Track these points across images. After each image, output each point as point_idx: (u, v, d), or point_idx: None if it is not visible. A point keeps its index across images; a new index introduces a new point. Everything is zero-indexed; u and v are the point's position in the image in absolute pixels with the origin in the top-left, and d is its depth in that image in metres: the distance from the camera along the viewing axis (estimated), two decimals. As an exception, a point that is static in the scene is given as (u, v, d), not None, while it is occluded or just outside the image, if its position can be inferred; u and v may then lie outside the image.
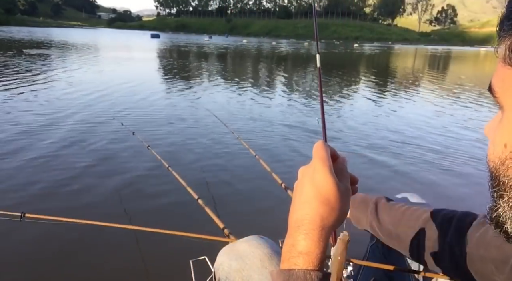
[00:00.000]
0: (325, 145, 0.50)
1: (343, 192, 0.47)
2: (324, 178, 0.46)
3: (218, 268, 0.87)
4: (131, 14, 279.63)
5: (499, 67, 0.34)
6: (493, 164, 0.36)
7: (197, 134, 4.57)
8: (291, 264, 0.45)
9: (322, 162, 0.48)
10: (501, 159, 0.35)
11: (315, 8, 1.21)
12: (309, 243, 0.45)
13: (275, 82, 11.51)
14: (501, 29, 0.34)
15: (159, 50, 26.27)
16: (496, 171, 0.36)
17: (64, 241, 2.17)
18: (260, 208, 2.72)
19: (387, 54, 38.79)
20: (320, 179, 0.46)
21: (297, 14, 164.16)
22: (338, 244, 0.48)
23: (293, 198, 0.51)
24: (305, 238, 0.46)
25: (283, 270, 0.46)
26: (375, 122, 5.89)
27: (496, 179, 0.36)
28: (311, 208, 0.47)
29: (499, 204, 0.35)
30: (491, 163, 0.37)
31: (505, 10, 0.34)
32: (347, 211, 0.48)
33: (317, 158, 0.48)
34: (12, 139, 3.93)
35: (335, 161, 0.51)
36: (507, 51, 0.32)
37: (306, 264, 0.44)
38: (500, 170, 0.35)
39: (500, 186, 0.35)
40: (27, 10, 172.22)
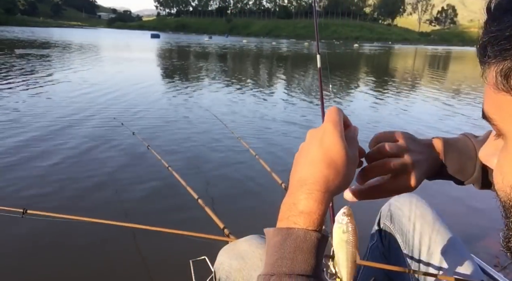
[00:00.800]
0: (338, 110, 0.49)
1: (351, 158, 0.46)
2: (334, 141, 0.46)
3: (218, 267, 0.87)
4: (131, 14, 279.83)
5: (490, 93, 0.34)
6: (505, 194, 0.35)
7: (197, 134, 4.57)
8: (290, 222, 0.44)
9: (333, 125, 0.47)
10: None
11: (316, 8, 1.22)
12: (311, 203, 0.44)
13: (275, 82, 11.51)
14: (485, 56, 0.33)
15: (159, 50, 26.27)
16: (510, 201, 0.34)
17: (65, 238, 2.18)
18: (260, 208, 2.72)
19: (387, 54, 38.79)
20: (329, 141, 0.46)
21: (297, 14, 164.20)
22: (347, 217, 0.46)
23: (296, 158, 0.50)
24: (307, 197, 0.44)
25: (282, 229, 0.44)
26: (376, 120, 5.89)
27: (510, 209, 0.34)
28: (316, 169, 0.46)
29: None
30: (501, 192, 0.35)
31: (484, 36, 0.33)
32: (351, 178, 0.47)
33: (329, 121, 0.48)
34: (12, 139, 3.93)
35: (347, 129, 0.50)
36: (499, 77, 0.31)
37: (307, 223, 0.43)
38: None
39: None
40: (27, 10, 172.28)
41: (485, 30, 0.33)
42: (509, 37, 0.30)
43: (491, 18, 0.33)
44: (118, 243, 2.16)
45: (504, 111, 0.33)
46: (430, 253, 0.93)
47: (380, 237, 1.06)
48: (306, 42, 66.57)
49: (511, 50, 0.30)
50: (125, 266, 2.00)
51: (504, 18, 0.31)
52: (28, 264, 1.97)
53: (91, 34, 55.99)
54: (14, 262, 1.98)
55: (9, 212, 1.33)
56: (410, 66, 23.30)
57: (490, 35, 0.32)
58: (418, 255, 0.95)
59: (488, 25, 0.33)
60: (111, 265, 2.00)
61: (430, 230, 0.94)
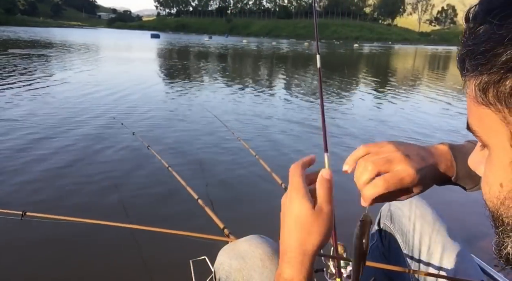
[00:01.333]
0: (299, 168, 0.53)
1: (318, 215, 0.49)
2: (298, 206, 0.50)
3: (218, 267, 0.87)
4: (131, 14, 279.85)
5: (472, 106, 0.34)
6: (493, 205, 0.35)
7: (197, 135, 4.57)
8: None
9: (295, 190, 0.51)
10: (500, 199, 0.34)
11: (315, 8, 1.22)
12: (291, 271, 0.50)
13: (275, 82, 11.51)
14: (464, 69, 0.33)
15: (159, 50, 26.27)
16: (497, 212, 0.35)
17: (64, 240, 2.17)
18: (260, 208, 2.72)
19: (387, 54, 38.79)
20: (295, 207, 0.50)
21: (297, 14, 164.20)
22: (359, 227, 0.50)
23: (280, 228, 0.54)
24: (288, 266, 0.50)
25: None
26: (377, 119, 5.89)
27: (498, 219, 0.35)
28: (291, 237, 0.50)
29: (507, 242, 0.34)
30: (489, 203, 0.36)
31: (462, 48, 0.33)
32: (326, 233, 0.50)
33: (291, 186, 0.52)
34: (12, 139, 3.93)
35: (313, 183, 0.53)
36: (478, 91, 0.32)
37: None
38: (501, 210, 0.34)
39: (505, 226, 0.34)
40: (27, 10, 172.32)
41: (463, 42, 0.33)
42: (485, 52, 0.30)
43: (468, 30, 0.33)
44: (118, 244, 2.16)
45: (485, 124, 0.33)
46: (430, 253, 0.93)
47: (380, 237, 1.06)
48: (306, 42, 66.56)
49: (487, 65, 0.30)
50: (125, 267, 2.00)
51: (480, 32, 0.31)
52: (27, 266, 1.97)
53: (91, 34, 55.99)
54: (13, 264, 1.98)
55: (8, 214, 1.33)
56: (410, 66, 23.30)
57: (467, 49, 0.32)
58: (418, 255, 0.95)
59: (465, 38, 0.33)
60: (111, 266, 2.00)
61: (430, 230, 0.94)
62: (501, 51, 0.28)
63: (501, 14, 0.29)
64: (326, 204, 0.51)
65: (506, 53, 0.28)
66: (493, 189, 0.35)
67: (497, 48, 0.29)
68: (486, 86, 0.31)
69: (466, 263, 0.91)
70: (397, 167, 0.55)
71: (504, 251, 0.35)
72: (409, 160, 0.55)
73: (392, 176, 0.54)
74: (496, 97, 0.30)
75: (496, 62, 0.29)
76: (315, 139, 4.54)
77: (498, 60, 0.29)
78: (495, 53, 0.29)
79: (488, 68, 0.30)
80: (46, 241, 2.15)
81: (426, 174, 0.57)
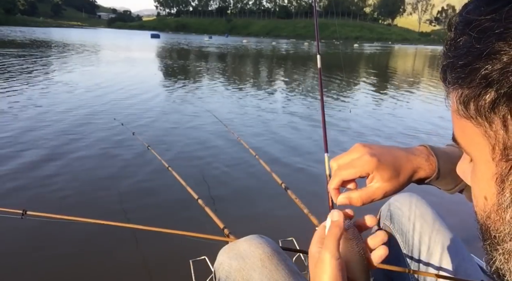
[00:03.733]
0: (336, 230, 0.51)
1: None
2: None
3: (218, 267, 0.87)
4: (131, 14, 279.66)
5: (454, 118, 0.34)
6: (480, 217, 0.35)
7: (197, 135, 4.57)
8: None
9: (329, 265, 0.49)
10: (486, 212, 0.34)
11: (316, 8, 1.22)
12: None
13: (275, 82, 11.51)
14: (445, 80, 0.33)
15: (159, 50, 26.27)
16: (484, 225, 0.35)
17: (64, 239, 2.18)
18: (260, 208, 2.72)
19: (387, 54, 38.78)
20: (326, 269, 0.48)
21: (297, 14, 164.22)
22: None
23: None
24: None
25: None
26: (377, 119, 5.89)
27: (486, 232, 0.34)
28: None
29: (496, 256, 0.33)
30: (478, 215, 0.36)
31: (444, 59, 0.33)
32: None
33: (326, 254, 0.49)
34: (12, 139, 3.93)
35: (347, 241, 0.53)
36: (459, 104, 0.32)
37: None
38: (488, 223, 0.34)
39: (492, 239, 0.33)
40: (27, 10, 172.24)
41: (444, 53, 0.33)
42: (464, 66, 0.30)
43: (450, 41, 0.32)
44: (118, 244, 2.16)
45: (467, 137, 0.33)
46: (430, 253, 0.93)
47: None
48: (306, 42, 66.57)
49: (467, 78, 0.30)
50: (125, 266, 2.00)
51: (460, 43, 0.31)
52: (28, 265, 1.97)
53: (91, 34, 55.99)
54: (14, 263, 1.98)
55: (9, 213, 1.33)
56: (410, 66, 23.30)
57: (448, 61, 0.32)
58: (418, 255, 0.95)
59: (446, 48, 0.32)
60: (111, 266, 2.00)
61: (430, 230, 0.94)
62: (480, 66, 0.28)
63: (479, 27, 0.29)
64: (325, 253, 0.50)
65: (484, 68, 0.28)
66: (479, 202, 0.35)
67: (476, 62, 0.29)
68: (467, 99, 0.30)
69: (466, 263, 0.91)
70: (370, 184, 0.60)
71: (494, 267, 0.34)
72: (381, 174, 0.59)
73: (366, 192, 0.59)
74: (477, 111, 0.30)
75: (475, 76, 0.29)
76: (315, 140, 4.54)
77: (477, 74, 0.29)
78: (474, 67, 0.29)
79: (468, 82, 0.30)
80: (46, 240, 2.15)
81: (401, 182, 0.60)
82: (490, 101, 0.28)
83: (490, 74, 0.28)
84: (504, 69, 0.27)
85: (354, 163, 0.59)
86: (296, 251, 1.25)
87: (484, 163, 0.32)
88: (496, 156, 0.30)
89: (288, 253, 1.00)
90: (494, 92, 0.28)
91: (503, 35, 0.27)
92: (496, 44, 0.27)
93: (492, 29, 0.28)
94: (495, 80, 0.28)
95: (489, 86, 0.28)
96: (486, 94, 0.29)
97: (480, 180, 0.34)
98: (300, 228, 1.69)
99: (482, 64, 0.28)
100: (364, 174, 0.60)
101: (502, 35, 0.27)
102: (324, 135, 1.01)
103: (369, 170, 0.59)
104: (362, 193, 0.59)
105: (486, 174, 0.32)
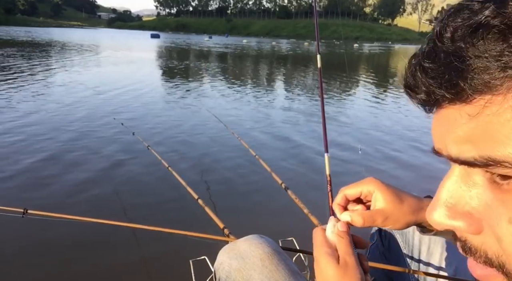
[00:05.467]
0: (320, 230, 0.57)
1: (345, 270, 0.53)
2: (324, 264, 0.52)
3: (218, 267, 0.87)
4: (131, 14, 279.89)
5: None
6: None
7: (197, 134, 4.57)
8: None
9: (317, 248, 0.54)
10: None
11: (316, 8, 1.22)
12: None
13: (275, 82, 11.51)
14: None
15: (159, 50, 26.27)
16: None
17: (65, 238, 2.18)
18: (260, 208, 2.72)
19: (388, 54, 38.78)
20: (321, 266, 0.53)
21: (297, 14, 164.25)
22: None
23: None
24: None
25: None
26: (378, 118, 5.89)
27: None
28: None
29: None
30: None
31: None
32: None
33: (314, 246, 0.55)
34: (12, 139, 3.93)
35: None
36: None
37: None
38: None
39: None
40: (27, 10, 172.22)
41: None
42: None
43: (426, 55, 0.29)
44: (118, 243, 2.16)
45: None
46: (430, 253, 0.93)
47: (380, 237, 1.06)
48: (306, 42, 66.57)
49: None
50: (125, 266, 2.00)
51: (437, 63, 0.28)
52: (28, 264, 1.97)
53: (91, 34, 55.99)
54: (14, 262, 1.98)
55: (10, 212, 1.33)
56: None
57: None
58: (418, 255, 0.95)
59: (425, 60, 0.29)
60: (111, 265, 2.00)
61: (430, 230, 0.94)
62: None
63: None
64: (349, 256, 0.52)
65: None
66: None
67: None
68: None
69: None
70: (373, 205, 0.63)
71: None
72: (383, 195, 0.62)
73: (368, 213, 0.61)
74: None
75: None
76: (315, 139, 4.54)
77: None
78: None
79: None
80: (47, 239, 2.15)
81: (404, 211, 0.63)
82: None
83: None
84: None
85: (358, 182, 0.64)
86: (296, 251, 1.25)
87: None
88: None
89: (288, 253, 1.00)
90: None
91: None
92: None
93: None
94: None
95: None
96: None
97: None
98: (300, 228, 1.69)
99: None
100: (366, 191, 0.63)
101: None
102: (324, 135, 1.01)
103: (371, 188, 0.62)
104: (364, 213, 0.61)
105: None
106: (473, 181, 0.29)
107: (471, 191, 0.29)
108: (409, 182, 3.38)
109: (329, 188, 0.78)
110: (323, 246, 0.53)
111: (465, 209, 0.30)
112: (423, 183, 3.35)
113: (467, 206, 0.30)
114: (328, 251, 0.53)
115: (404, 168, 3.72)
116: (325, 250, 0.53)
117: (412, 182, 3.37)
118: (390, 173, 3.55)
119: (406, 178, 3.47)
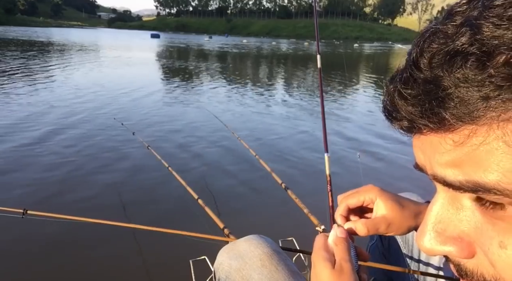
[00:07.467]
0: (322, 236, 0.58)
1: (339, 275, 0.52)
2: (319, 268, 0.53)
3: (218, 267, 0.87)
4: (131, 14, 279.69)
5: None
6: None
7: (197, 135, 4.57)
8: None
9: (315, 253, 0.55)
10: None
11: (316, 8, 1.22)
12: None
13: (275, 82, 11.51)
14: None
15: (159, 50, 26.27)
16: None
17: (65, 238, 2.18)
18: (260, 208, 2.72)
19: (388, 54, 38.78)
20: (317, 270, 0.53)
21: (297, 14, 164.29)
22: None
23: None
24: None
25: None
26: (378, 118, 5.89)
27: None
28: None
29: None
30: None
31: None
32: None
33: (313, 250, 0.56)
34: (12, 139, 3.93)
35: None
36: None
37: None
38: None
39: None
40: (27, 10, 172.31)
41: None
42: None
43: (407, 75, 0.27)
44: (118, 244, 2.16)
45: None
46: (430, 253, 0.93)
47: (380, 237, 1.06)
48: (306, 42, 66.56)
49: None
50: (125, 266, 2.00)
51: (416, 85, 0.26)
52: (28, 265, 1.97)
53: (91, 34, 55.99)
54: (14, 262, 1.98)
55: (9, 212, 1.33)
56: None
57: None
58: (418, 255, 0.95)
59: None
60: (111, 265, 2.00)
61: (430, 230, 0.94)
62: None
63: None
64: (345, 262, 0.53)
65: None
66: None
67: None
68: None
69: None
70: (375, 213, 0.65)
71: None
72: (384, 202, 0.63)
73: (371, 221, 0.62)
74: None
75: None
76: (315, 139, 4.54)
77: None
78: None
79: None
80: (46, 240, 2.15)
81: (406, 215, 0.64)
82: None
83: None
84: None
85: (359, 190, 0.65)
86: (296, 251, 1.25)
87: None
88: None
89: (288, 253, 1.00)
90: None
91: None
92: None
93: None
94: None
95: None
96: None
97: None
98: (300, 228, 1.69)
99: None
100: (368, 199, 0.64)
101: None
102: (324, 135, 1.01)
103: (373, 195, 0.63)
104: (367, 222, 0.61)
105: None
106: (461, 204, 0.28)
107: (459, 214, 0.28)
108: (410, 182, 3.38)
109: (329, 188, 0.78)
110: (321, 250, 0.54)
111: (455, 233, 0.29)
112: (423, 182, 3.35)
113: (456, 230, 0.29)
114: (325, 255, 0.53)
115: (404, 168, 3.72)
116: (323, 254, 0.53)
117: (412, 182, 3.37)
118: (390, 173, 3.55)
119: (406, 178, 3.47)
